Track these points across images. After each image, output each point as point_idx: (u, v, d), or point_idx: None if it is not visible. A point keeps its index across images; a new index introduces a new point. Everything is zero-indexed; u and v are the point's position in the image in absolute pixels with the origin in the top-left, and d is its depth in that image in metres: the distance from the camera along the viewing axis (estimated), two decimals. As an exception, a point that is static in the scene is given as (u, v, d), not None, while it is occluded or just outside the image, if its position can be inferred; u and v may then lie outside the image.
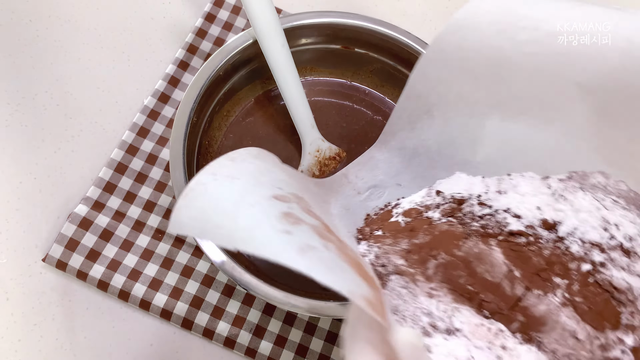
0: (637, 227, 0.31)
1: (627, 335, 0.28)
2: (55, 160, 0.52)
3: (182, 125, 0.45)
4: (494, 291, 0.30)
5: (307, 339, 0.48)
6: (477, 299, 0.30)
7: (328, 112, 0.54)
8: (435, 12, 0.63)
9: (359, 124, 0.54)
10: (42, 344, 0.46)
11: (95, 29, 0.58)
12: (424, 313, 0.29)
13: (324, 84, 0.56)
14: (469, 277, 0.30)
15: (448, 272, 0.30)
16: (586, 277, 0.30)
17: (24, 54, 0.56)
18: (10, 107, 0.53)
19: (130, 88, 0.56)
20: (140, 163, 0.52)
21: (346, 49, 0.53)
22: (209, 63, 0.47)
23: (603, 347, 0.28)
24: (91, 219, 0.49)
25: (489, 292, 0.30)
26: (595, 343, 0.28)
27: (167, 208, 0.51)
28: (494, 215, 0.32)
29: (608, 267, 0.30)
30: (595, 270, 0.30)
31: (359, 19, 0.50)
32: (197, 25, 0.58)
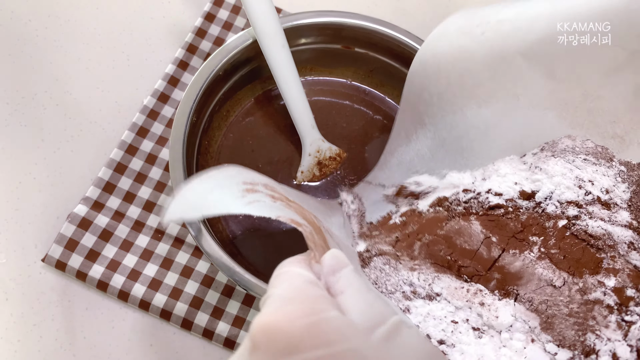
0: (610, 178, 0.33)
1: (608, 278, 0.30)
2: (55, 160, 0.52)
3: (182, 125, 0.44)
4: (472, 257, 0.33)
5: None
6: (456, 266, 0.33)
7: (328, 112, 0.54)
8: (435, 12, 0.63)
9: (359, 124, 0.54)
10: (42, 344, 0.46)
11: (94, 29, 0.58)
12: (405, 283, 0.32)
13: (324, 84, 0.56)
14: (448, 249, 0.33)
15: (430, 249, 0.34)
16: (563, 232, 0.32)
17: (23, 54, 0.56)
18: (10, 107, 0.53)
19: (129, 88, 0.56)
20: (140, 163, 0.52)
21: (346, 48, 0.53)
22: (209, 63, 0.47)
23: (582, 291, 0.30)
24: (91, 219, 0.49)
25: (467, 258, 0.33)
26: (573, 288, 0.30)
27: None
28: (477, 198, 0.36)
29: (583, 219, 0.32)
30: (571, 223, 0.32)
31: (359, 18, 0.50)
32: (197, 25, 0.58)
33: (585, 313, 0.30)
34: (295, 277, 0.24)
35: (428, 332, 0.29)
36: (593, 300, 0.30)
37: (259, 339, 0.21)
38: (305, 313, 0.21)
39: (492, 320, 0.30)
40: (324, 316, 0.21)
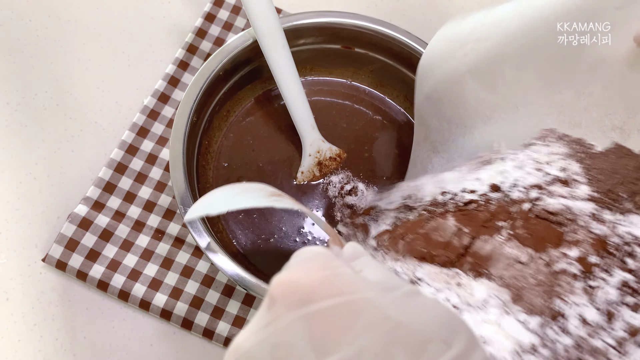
0: (565, 158, 0.36)
1: (570, 249, 0.33)
2: (55, 160, 0.52)
3: (182, 125, 0.45)
4: (444, 247, 0.36)
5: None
6: (430, 256, 0.36)
7: (328, 112, 0.54)
8: (435, 12, 0.63)
9: (359, 124, 0.54)
10: (42, 344, 0.46)
11: (95, 29, 0.58)
12: (391, 271, 0.35)
13: (324, 84, 0.56)
14: (425, 243, 0.37)
15: (410, 245, 0.37)
16: (527, 214, 0.35)
17: (23, 54, 0.56)
18: (10, 107, 0.53)
19: (130, 88, 0.56)
20: (140, 163, 0.52)
21: (346, 49, 0.53)
22: (209, 63, 0.47)
23: (547, 263, 0.33)
24: (91, 219, 0.49)
25: (439, 249, 0.36)
26: (539, 262, 0.33)
27: (167, 208, 0.51)
28: (453, 198, 0.39)
29: (543, 199, 0.35)
30: (533, 205, 0.35)
31: (359, 19, 0.50)
32: (197, 25, 0.58)
33: (551, 282, 0.32)
34: (314, 249, 0.25)
35: None
36: (558, 271, 0.32)
37: (276, 293, 0.21)
38: (322, 267, 0.22)
39: (469, 298, 0.33)
40: (340, 271, 0.22)
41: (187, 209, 0.41)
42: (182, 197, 0.42)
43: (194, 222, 0.41)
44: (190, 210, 0.28)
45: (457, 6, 0.64)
